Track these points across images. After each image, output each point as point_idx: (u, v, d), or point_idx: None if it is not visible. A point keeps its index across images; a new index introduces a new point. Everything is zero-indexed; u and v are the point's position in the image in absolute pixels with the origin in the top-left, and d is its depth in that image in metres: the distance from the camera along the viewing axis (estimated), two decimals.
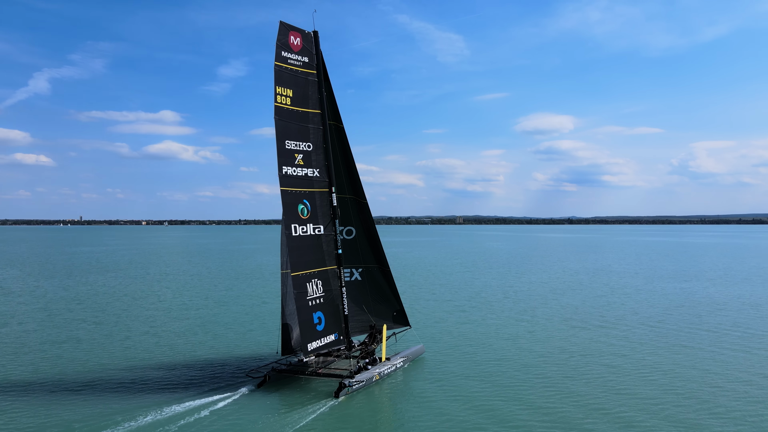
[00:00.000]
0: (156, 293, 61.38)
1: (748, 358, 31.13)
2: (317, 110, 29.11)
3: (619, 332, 38.35)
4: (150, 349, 34.93)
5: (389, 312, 31.57)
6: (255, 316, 46.62)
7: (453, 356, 32.25)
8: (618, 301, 52.21)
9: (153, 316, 46.86)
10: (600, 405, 23.82)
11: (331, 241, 29.18)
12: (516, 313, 46.60)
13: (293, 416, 22.68)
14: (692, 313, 45.71)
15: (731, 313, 45.44)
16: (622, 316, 44.62)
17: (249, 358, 32.18)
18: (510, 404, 24.00)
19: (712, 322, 41.28)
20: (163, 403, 24.11)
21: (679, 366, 29.68)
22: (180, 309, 50.51)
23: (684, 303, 50.85)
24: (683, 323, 41.23)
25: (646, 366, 29.87)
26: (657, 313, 45.73)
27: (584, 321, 42.06)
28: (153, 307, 51.75)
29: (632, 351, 32.99)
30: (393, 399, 25.28)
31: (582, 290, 60.39)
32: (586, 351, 33.10)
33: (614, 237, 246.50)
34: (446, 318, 44.94)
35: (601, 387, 26.30)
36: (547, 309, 48.34)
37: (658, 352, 32.83)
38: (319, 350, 27.59)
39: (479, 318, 44.83)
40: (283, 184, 27.14)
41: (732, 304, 49.90)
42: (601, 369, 29.38)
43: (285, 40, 27.96)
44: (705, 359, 31.04)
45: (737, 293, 56.99)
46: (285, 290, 29.23)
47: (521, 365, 30.31)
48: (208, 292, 62.42)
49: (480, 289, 62.68)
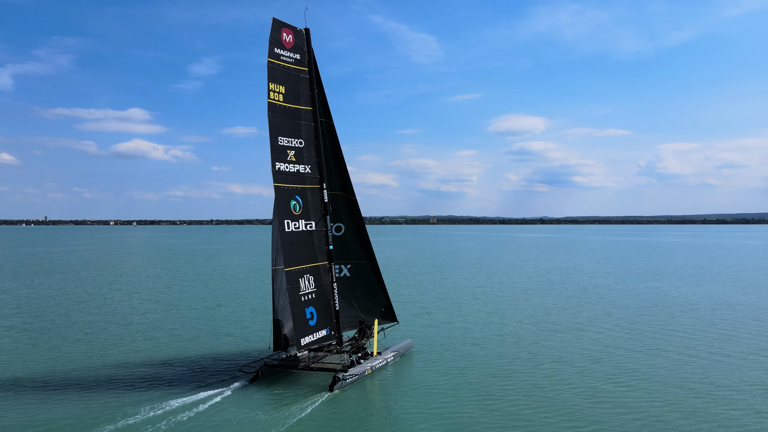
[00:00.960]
0: (126, 293, 60.56)
1: (725, 362, 29.97)
2: (309, 107, 29.33)
3: (593, 334, 36.86)
4: (141, 347, 34.66)
5: (377, 308, 31.94)
6: (245, 312, 46.50)
7: (440, 351, 32.80)
8: (591, 302, 51.32)
9: (133, 314, 46.37)
10: (574, 409, 24.16)
11: (323, 237, 29.45)
12: (486, 315, 46.79)
13: (291, 409, 22.92)
14: (665, 313, 45.04)
15: (705, 313, 44.81)
16: (594, 317, 43.53)
17: (240, 354, 32.23)
18: (490, 402, 24.62)
19: (686, 323, 40.56)
20: (156, 399, 24.07)
21: (656, 370, 28.25)
22: (162, 309, 50.02)
23: (656, 303, 50.43)
24: (657, 324, 40.36)
25: (621, 371, 28.01)
26: (630, 314, 44.92)
27: (556, 323, 40.83)
28: (133, 305, 51.15)
29: (607, 355, 31.32)
30: (386, 392, 25.69)
31: (553, 290, 60.20)
32: (558, 356, 31.17)
33: (585, 237, 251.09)
34: (413, 320, 45.43)
35: (574, 391, 26.30)
36: (518, 309, 47.73)
37: (632, 355, 31.31)
38: (312, 345, 27.83)
39: (451, 318, 45.46)
40: (276, 180, 27.29)
41: (705, 304, 49.44)
42: (573, 374, 28.00)
43: (278, 37, 28.11)
44: (681, 363, 29.80)
45: (709, 292, 57.03)
46: (276, 286, 29.38)
47: (491, 372, 30.94)
48: (176, 291, 61.85)
49: (449, 289, 62.27)
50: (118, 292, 60.58)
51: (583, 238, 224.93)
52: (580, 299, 52.90)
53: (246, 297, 56.37)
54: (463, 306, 49.57)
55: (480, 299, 53.94)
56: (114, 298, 56.34)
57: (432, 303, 51.47)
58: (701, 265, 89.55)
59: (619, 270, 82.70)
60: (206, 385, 25.97)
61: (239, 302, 52.75)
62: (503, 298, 54.81)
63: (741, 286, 61.70)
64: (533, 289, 60.61)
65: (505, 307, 49.17)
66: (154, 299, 55.35)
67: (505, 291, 59.80)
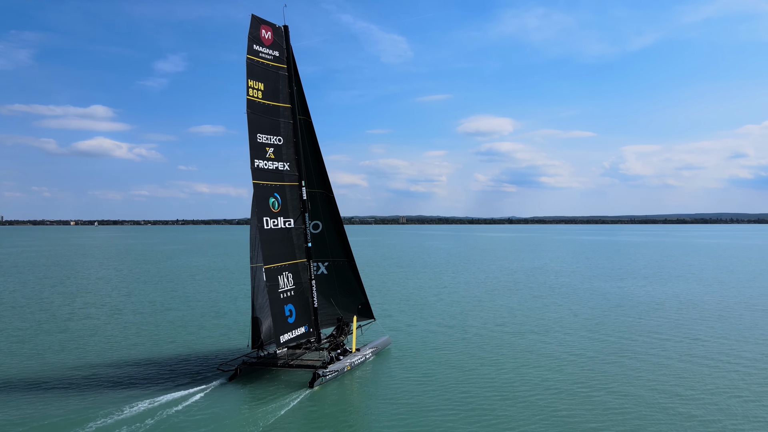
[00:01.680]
0: (97, 294, 59.28)
1: (694, 363, 28.91)
2: (287, 104, 29.30)
3: (559, 337, 35.37)
4: (117, 348, 34.03)
5: (355, 305, 32.10)
6: (222, 311, 46.02)
7: (415, 347, 33.18)
8: (557, 302, 50.41)
9: (107, 315, 45.45)
10: (547, 403, 24.42)
11: (301, 235, 29.47)
12: (457, 311, 46.97)
13: (271, 406, 22.91)
14: (632, 313, 44.14)
15: (671, 313, 44.00)
16: (560, 318, 42.34)
17: (218, 353, 31.98)
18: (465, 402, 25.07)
19: (653, 324, 39.54)
20: (133, 399, 23.74)
21: (624, 376, 26.76)
22: (133, 310, 49.14)
23: (622, 303, 49.62)
24: (624, 325, 39.28)
25: (588, 378, 26.57)
26: (596, 314, 43.84)
27: (520, 325, 39.25)
28: (106, 306, 50.11)
29: (571, 362, 29.43)
30: (365, 387, 25.88)
31: (519, 290, 59.74)
32: (524, 361, 29.69)
33: (552, 236, 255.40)
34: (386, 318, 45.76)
35: (546, 384, 26.58)
36: (483, 310, 46.88)
37: (600, 359, 29.95)
38: (291, 342, 27.83)
39: (423, 314, 45.92)
40: (255, 177, 27.20)
41: (670, 304, 48.81)
42: (546, 371, 28.11)
43: (256, 33, 28.02)
44: (650, 366, 28.58)
45: (674, 291, 56.93)
46: (254, 284, 29.24)
47: (465, 367, 31.40)
48: (146, 292, 60.87)
49: (413, 289, 61.81)
50: (89, 294, 59.26)
51: (549, 238, 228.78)
52: (546, 299, 52.10)
53: (222, 296, 55.78)
54: (435, 302, 50.08)
55: (444, 299, 54.46)
56: (80, 299, 55.08)
57: (399, 303, 51.83)
58: (664, 263, 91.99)
59: (585, 269, 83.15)
60: (184, 384, 25.72)
61: (215, 301, 52.17)
62: (469, 298, 55.44)
63: (704, 284, 62.44)
64: (499, 289, 60.80)
65: (471, 308, 49.79)
66: (125, 300, 54.30)
67: (471, 290, 60.32)
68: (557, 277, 72.51)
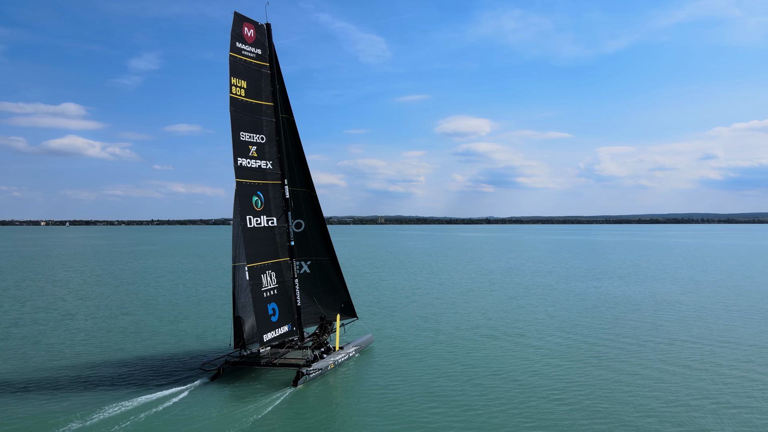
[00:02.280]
0: (73, 295, 58.24)
1: (672, 370, 27.49)
2: (270, 102, 29.22)
3: (534, 341, 33.84)
4: (95, 347, 33.53)
5: (337, 303, 32.12)
6: (204, 311, 45.58)
7: (401, 345, 33.34)
8: (532, 303, 49.22)
9: (86, 315, 44.69)
10: (528, 403, 24.41)
11: (284, 233, 29.41)
12: (430, 316, 47.00)
13: (255, 404, 22.83)
14: (609, 315, 42.97)
15: (648, 314, 43.06)
16: (535, 320, 41.05)
17: (201, 353, 31.73)
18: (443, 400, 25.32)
19: (630, 326, 38.43)
20: (115, 399, 23.46)
21: (601, 381, 25.81)
22: (112, 311, 48.40)
23: (599, 303, 48.71)
24: (600, 328, 38.02)
25: (565, 384, 25.50)
26: (572, 316, 42.82)
27: (495, 328, 37.62)
28: (84, 307, 49.26)
29: (548, 367, 28.11)
30: (349, 385, 25.92)
31: (495, 291, 58.44)
32: (504, 359, 29.52)
33: (528, 236, 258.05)
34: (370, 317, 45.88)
35: (525, 386, 26.72)
36: (462, 310, 46.67)
37: (576, 365, 28.46)
38: (274, 341, 27.75)
39: (404, 313, 46.14)
40: (239, 176, 27.07)
41: (647, 305, 47.75)
42: (524, 372, 28.03)
43: (239, 31, 27.89)
44: (628, 374, 26.87)
45: (650, 291, 56.31)
46: (237, 283, 29.09)
47: (447, 363, 31.70)
48: (126, 293, 60.03)
49: (390, 289, 62.09)
50: (69, 294, 58.13)
51: (526, 238, 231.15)
52: (520, 301, 50.46)
53: (203, 296, 55.24)
54: (417, 301, 50.34)
55: (425, 299, 54.70)
56: (56, 299, 54.06)
57: (381, 302, 51.98)
58: (640, 263, 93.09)
59: (561, 269, 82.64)
60: (166, 385, 25.47)
61: (196, 301, 51.65)
62: (448, 297, 55.73)
63: (680, 284, 62.36)
64: (476, 290, 60.51)
65: (451, 306, 50.10)
66: (103, 301, 53.44)
67: (448, 291, 60.79)
68: (534, 277, 72.41)
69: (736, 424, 20.70)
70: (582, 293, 56.20)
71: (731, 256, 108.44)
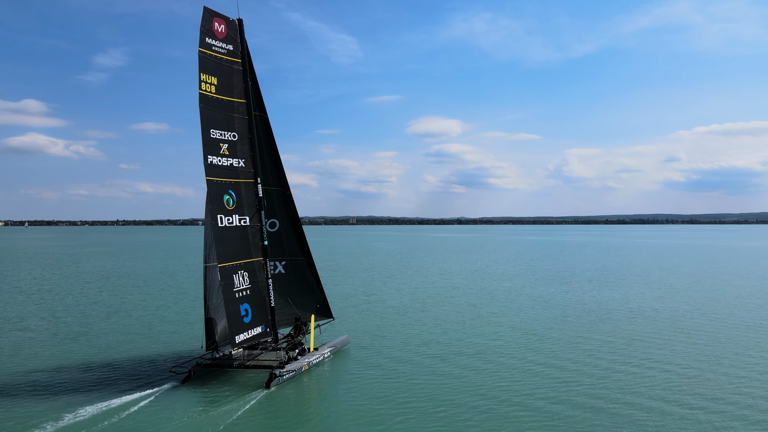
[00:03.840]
0: (35, 297, 56.42)
1: (654, 389, 23.93)
2: (242, 100, 28.66)
3: (494, 362, 28.90)
4: (60, 351, 32.37)
5: (313, 304, 31.70)
6: (174, 313, 44.50)
7: (376, 346, 33.09)
8: (496, 312, 44.02)
9: (50, 318, 43.22)
10: (504, 406, 25.13)
11: (257, 233, 28.88)
12: (406, 316, 47.18)
13: (226, 407, 22.29)
14: (580, 327, 37.99)
15: (622, 325, 38.56)
16: (497, 334, 36.16)
17: (171, 355, 30.91)
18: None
19: (603, 340, 33.82)
20: (81, 404, 22.62)
21: (571, 390, 24.05)
22: (74, 313, 46.95)
23: (567, 312, 44.02)
24: (570, 344, 32.84)
25: (538, 383, 24.85)
26: (539, 328, 37.75)
27: (455, 345, 32.50)
28: (48, 309, 47.65)
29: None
30: (323, 387, 25.56)
31: (457, 296, 54.44)
32: (474, 370, 27.35)
33: (499, 237, 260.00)
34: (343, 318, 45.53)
35: (500, 387, 27.29)
36: (428, 314, 44.83)
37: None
38: (247, 342, 27.21)
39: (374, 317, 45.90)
40: (209, 174, 26.45)
41: (620, 313, 43.10)
42: (500, 374, 27.62)
43: (209, 26, 27.28)
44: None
45: (622, 297, 51.96)
46: (208, 284, 28.43)
47: (423, 366, 31.63)
48: (87, 295, 58.44)
49: (359, 291, 62.52)
50: (24, 296, 56.19)
51: (496, 238, 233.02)
52: (480, 310, 44.86)
53: (174, 297, 54.03)
54: (392, 302, 50.17)
55: (400, 299, 54.56)
56: (21, 301, 52.22)
57: (357, 303, 51.66)
58: (609, 266, 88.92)
59: (528, 272, 78.05)
60: (134, 388, 24.69)
61: (165, 303, 50.47)
62: (415, 301, 55.75)
63: (652, 289, 58.52)
64: (437, 295, 57.73)
65: (417, 311, 50.06)
66: (67, 302, 51.83)
67: (418, 294, 60.76)
68: (499, 281, 67.46)
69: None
70: (549, 299, 51.00)
71: (700, 257, 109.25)
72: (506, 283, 66.26)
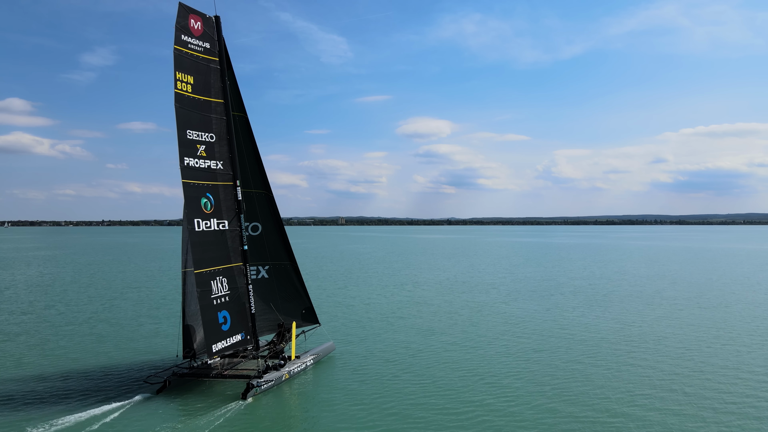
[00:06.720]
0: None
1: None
2: (220, 99, 27.68)
3: (483, 370, 27.60)
4: (26, 360, 31.18)
5: (298, 309, 30.80)
6: (149, 320, 43.34)
7: (361, 354, 32.22)
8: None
9: (17, 326, 41.92)
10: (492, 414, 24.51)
11: (236, 237, 27.90)
12: (393, 322, 46.72)
13: (198, 421, 21.33)
14: (567, 357, 30.55)
15: (615, 358, 29.99)
16: (485, 341, 33.44)
17: (146, 364, 29.84)
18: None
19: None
20: (48, 417, 21.58)
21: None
22: (42, 320, 45.64)
23: (554, 333, 36.80)
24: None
25: (532, 385, 23.86)
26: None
27: (457, 334, 32.73)
28: (15, 316, 46.31)
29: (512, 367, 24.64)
30: (303, 397, 24.65)
31: (451, 302, 52.55)
32: (462, 376, 26.81)
33: (487, 238, 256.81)
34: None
35: (489, 394, 27.10)
36: (394, 330, 41.22)
37: (532, 401, 22.92)
38: (225, 351, 26.24)
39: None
40: (185, 176, 25.46)
41: (611, 340, 33.91)
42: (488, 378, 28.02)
43: (184, 23, 26.30)
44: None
45: (613, 317, 41.80)
46: (186, 290, 27.46)
47: (412, 374, 30.85)
48: (61, 300, 57.11)
49: (345, 298, 62.07)
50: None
51: (484, 240, 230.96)
52: (439, 336, 35.34)
53: (148, 304, 52.83)
54: (380, 307, 49.35)
55: (388, 303, 53.82)
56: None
57: (343, 308, 50.79)
58: (599, 272, 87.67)
59: (510, 282, 67.80)
60: (106, 399, 23.65)
61: (140, 310, 49.28)
62: (403, 306, 55.01)
63: (652, 306, 47.19)
64: (429, 301, 58.13)
65: (403, 317, 49.28)
66: (34, 310, 50.47)
67: (390, 304, 59.80)
68: (476, 294, 59.82)
69: None
70: (534, 318, 42.34)
71: (699, 263, 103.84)
72: (482, 297, 61.98)
